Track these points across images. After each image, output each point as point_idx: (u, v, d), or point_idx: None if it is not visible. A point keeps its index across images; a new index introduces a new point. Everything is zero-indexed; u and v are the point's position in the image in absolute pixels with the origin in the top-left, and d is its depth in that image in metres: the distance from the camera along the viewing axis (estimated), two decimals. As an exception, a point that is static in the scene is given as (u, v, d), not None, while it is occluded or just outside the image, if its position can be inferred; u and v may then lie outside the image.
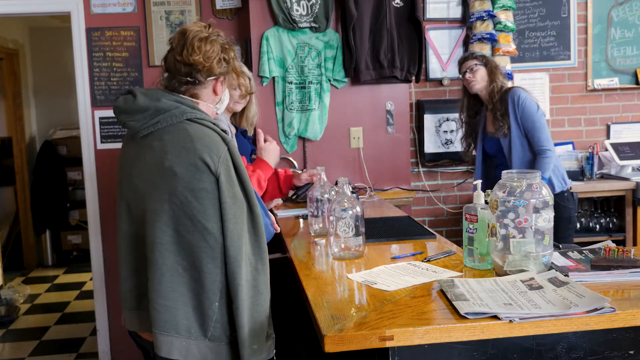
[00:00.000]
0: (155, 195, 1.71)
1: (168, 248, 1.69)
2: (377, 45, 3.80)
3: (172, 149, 1.70)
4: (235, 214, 1.70)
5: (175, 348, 1.68)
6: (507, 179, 1.79)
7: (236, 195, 1.71)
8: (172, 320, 1.68)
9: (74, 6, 3.95)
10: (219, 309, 1.70)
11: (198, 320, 1.70)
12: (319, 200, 2.55)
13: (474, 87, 3.49)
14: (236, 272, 1.68)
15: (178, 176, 1.68)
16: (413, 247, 2.30)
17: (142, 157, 1.76)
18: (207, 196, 1.67)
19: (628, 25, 4.46)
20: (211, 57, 1.79)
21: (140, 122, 1.75)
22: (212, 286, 1.69)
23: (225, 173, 1.69)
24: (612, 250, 1.88)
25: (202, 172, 1.67)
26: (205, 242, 1.68)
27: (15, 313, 5.15)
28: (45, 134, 6.85)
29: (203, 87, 1.84)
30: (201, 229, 1.67)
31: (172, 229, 1.69)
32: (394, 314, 1.55)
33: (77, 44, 3.96)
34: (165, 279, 1.68)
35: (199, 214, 1.67)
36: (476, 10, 4.12)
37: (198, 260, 1.68)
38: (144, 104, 1.74)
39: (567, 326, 1.49)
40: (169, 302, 1.68)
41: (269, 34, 3.76)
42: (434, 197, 4.38)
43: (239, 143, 3.23)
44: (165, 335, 1.69)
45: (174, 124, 1.73)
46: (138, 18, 3.99)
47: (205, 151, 1.68)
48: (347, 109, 3.89)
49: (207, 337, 1.70)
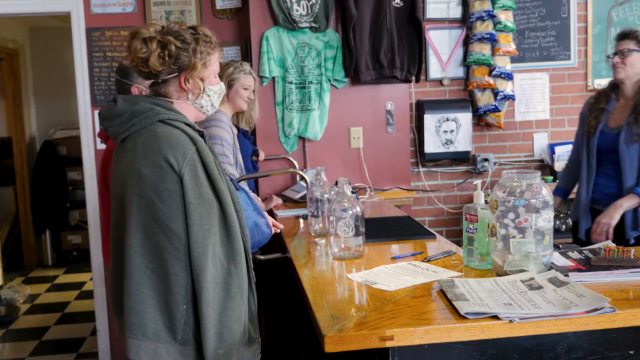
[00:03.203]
0: (126, 198, 1.70)
1: (136, 250, 1.67)
2: (377, 45, 3.80)
3: (141, 151, 1.69)
4: (201, 214, 1.66)
5: (144, 351, 1.66)
6: (507, 179, 1.79)
7: (203, 196, 1.68)
8: (139, 323, 1.66)
9: (74, 6, 3.95)
10: (187, 311, 1.67)
11: (166, 323, 1.67)
12: (319, 200, 2.55)
13: (619, 75, 2.94)
14: (200, 273, 1.64)
15: (144, 177, 1.66)
16: (413, 247, 2.30)
17: (119, 161, 1.77)
18: (171, 197, 1.65)
19: (628, 25, 4.45)
20: (142, 55, 1.73)
21: (117, 127, 1.74)
22: (179, 288, 1.66)
23: (191, 173, 1.66)
24: (612, 250, 1.88)
25: (166, 172, 1.65)
26: (170, 244, 1.65)
27: (15, 313, 5.15)
28: (45, 134, 6.85)
29: (167, 85, 1.80)
30: (166, 230, 1.65)
31: (140, 231, 1.67)
32: (394, 314, 1.55)
33: (77, 44, 3.97)
34: (133, 281, 1.67)
35: (163, 215, 1.65)
36: (476, 10, 4.12)
37: (164, 262, 1.66)
38: (122, 109, 1.74)
39: (567, 326, 1.49)
40: (136, 304, 1.66)
41: (269, 34, 3.76)
42: (434, 197, 4.38)
43: (240, 144, 3.24)
44: (133, 338, 1.67)
45: (146, 126, 1.71)
46: (138, 18, 3.99)
47: (169, 151, 1.66)
48: (347, 109, 3.89)
49: (177, 341, 1.67)
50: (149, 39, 1.73)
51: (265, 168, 3.76)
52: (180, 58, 1.75)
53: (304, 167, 3.85)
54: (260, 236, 2.05)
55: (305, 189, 3.16)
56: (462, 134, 4.20)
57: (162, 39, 1.73)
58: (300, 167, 3.84)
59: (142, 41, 1.73)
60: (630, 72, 2.91)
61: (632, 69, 2.91)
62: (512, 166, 4.42)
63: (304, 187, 3.50)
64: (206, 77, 1.82)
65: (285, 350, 3.45)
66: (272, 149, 3.84)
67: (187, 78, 1.78)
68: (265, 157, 3.78)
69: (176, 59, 1.75)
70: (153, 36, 1.73)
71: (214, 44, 1.83)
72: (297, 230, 2.82)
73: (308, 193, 2.64)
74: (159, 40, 1.73)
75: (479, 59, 4.16)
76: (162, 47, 1.73)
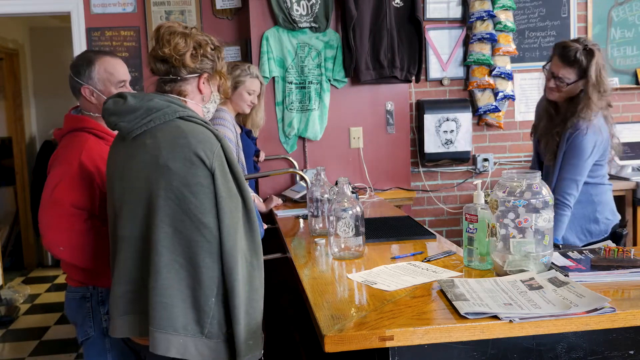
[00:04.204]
0: (152, 192, 1.70)
1: (164, 245, 1.68)
2: (377, 45, 3.80)
3: (166, 146, 1.70)
4: (231, 208, 1.69)
5: (173, 346, 1.67)
6: (507, 179, 1.79)
7: (231, 191, 1.71)
8: (169, 318, 1.67)
9: (74, 6, 3.95)
10: (215, 305, 1.69)
11: (195, 317, 1.69)
12: (319, 200, 2.55)
13: (552, 97, 2.74)
14: (232, 267, 1.67)
15: (173, 172, 1.68)
16: (413, 247, 2.30)
17: (135, 157, 1.76)
18: (203, 191, 1.67)
19: (628, 25, 4.46)
20: (181, 50, 1.78)
21: (131, 123, 1.75)
22: (209, 282, 1.68)
23: (220, 168, 1.69)
24: (612, 250, 1.88)
25: (197, 167, 1.67)
26: (202, 237, 1.67)
27: (15, 313, 5.15)
28: (45, 134, 6.85)
29: (186, 83, 1.83)
30: (198, 224, 1.67)
31: (168, 225, 1.68)
32: (394, 314, 1.55)
33: (77, 44, 3.97)
34: (161, 276, 1.67)
35: (196, 209, 1.67)
36: (476, 10, 4.12)
37: (195, 256, 1.68)
38: (135, 105, 1.75)
39: (567, 326, 1.49)
40: (166, 299, 1.67)
41: (269, 34, 3.76)
42: (434, 197, 4.38)
43: (243, 143, 3.24)
44: (162, 333, 1.67)
45: (166, 122, 1.73)
46: (138, 18, 3.99)
47: (199, 146, 1.68)
48: (347, 109, 3.89)
49: (204, 334, 1.69)
50: (189, 36, 1.80)
51: (265, 168, 3.77)
52: (206, 59, 1.84)
53: (304, 167, 3.85)
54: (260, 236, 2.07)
55: (305, 189, 3.16)
56: (462, 134, 4.20)
57: (196, 39, 1.82)
58: (300, 167, 3.84)
59: (181, 36, 1.79)
60: (564, 95, 2.68)
61: (566, 94, 2.67)
62: (512, 166, 4.42)
63: (304, 187, 3.50)
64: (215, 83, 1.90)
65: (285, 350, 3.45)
66: (272, 149, 3.84)
67: (206, 80, 1.86)
68: (266, 157, 3.79)
69: (202, 60, 1.83)
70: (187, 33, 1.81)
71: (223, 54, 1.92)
72: (297, 230, 2.82)
73: (308, 193, 2.64)
74: (198, 40, 1.82)
75: (479, 59, 4.16)
76: (197, 46, 1.81)
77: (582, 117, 2.59)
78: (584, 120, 2.59)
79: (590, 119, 2.60)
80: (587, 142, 2.58)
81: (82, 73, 2.21)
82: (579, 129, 2.59)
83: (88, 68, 2.20)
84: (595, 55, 2.59)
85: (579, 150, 2.58)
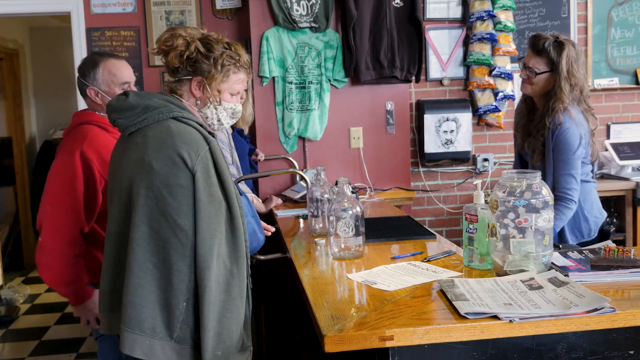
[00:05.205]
0: (134, 190, 1.70)
1: (139, 243, 1.66)
2: (377, 45, 3.80)
3: (153, 145, 1.69)
4: (210, 213, 1.67)
5: (139, 346, 1.65)
6: (507, 179, 1.79)
7: (213, 195, 1.68)
8: (137, 317, 1.65)
9: (74, 6, 3.95)
10: (186, 309, 1.66)
11: (164, 319, 1.66)
12: (319, 200, 2.55)
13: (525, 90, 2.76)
14: (204, 272, 1.64)
15: (155, 171, 1.67)
16: (413, 247, 2.30)
17: (126, 153, 1.76)
18: (182, 192, 1.66)
19: (628, 25, 4.46)
20: (164, 47, 1.78)
21: (128, 120, 1.75)
22: (180, 285, 1.65)
23: (203, 171, 1.67)
24: (612, 250, 1.88)
25: (179, 167, 1.66)
26: (176, 239, 1.65)
27: (15, 313, 5.15)
28: (45, 134, 6.85)
29: (181, 84, 1.83)
30: (173, 225, 1.65)
31: (145, 224, 1.66)
32: (394, 314, 1.55)
33: (77, 44, 3.97)
34: (133, 274, 1.65)
35: (172, 210, 1.65)
36: (476, 10, 4.12)
37: (168, 257, 1.65)
38: (134, 102, 1.75)
39: (567, 326, 1.49)
40: (136, 298, 1.65)
41: (269, 34, 3.76)
42: (434, 197, 4.38)
43: (235, 142, 3.24)
44: (129, 332, 1.65)
45: (159, 121, 1.73)
46: (138, 18, 3.99)
47: (183, 147, 1.67)
48: (347, 109, 3.89)
49: (172, 338, 1.66)
50: (177, 36, 1.77)
51: (265, 168, 3.77)
52: (199, 63, 1.79)
53: (304, 167, 3.85)
54: (256, 243, 2.06)
55: (305, 189, 3.16)
56: (462, 134, 4.20)
57: (191, 40, 1.78)
58: (300, 167, 3.84)
59: (171, 35, 1.78)
60: (537, 89, 2.68)
61: (539, 87, 2.67)
62: (512, 166, 4.41)
63: (304, 187, 3.50)
64: (222, 91, 1.84)
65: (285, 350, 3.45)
66: (272, 149, 3.84)
67: (199, 85, 1.81)
68: (265, 157, 3.78)
69: (194, 63, 1.79)
70: (183, 35, 1.78)
71: (241, 64, 1.84)
72: (297, 230, 2.82)
73: (308, 193, 2.64)
74: (186, 40, 1.77)
75: (479, 59, 4.16)
76: (186, 47, 1.77)
77: (554, 108, 2.60)
78: (562, 114, 2.60)
79: (564, 110, 2.59)
80: (572, 135, 2.58)
81: (88, 74, 2.31)
82: (559, 123, 2.59)
83: (93, 70, 2.30)
84: (566, 48, 2.61)
85: (566, 144, 2.58)
